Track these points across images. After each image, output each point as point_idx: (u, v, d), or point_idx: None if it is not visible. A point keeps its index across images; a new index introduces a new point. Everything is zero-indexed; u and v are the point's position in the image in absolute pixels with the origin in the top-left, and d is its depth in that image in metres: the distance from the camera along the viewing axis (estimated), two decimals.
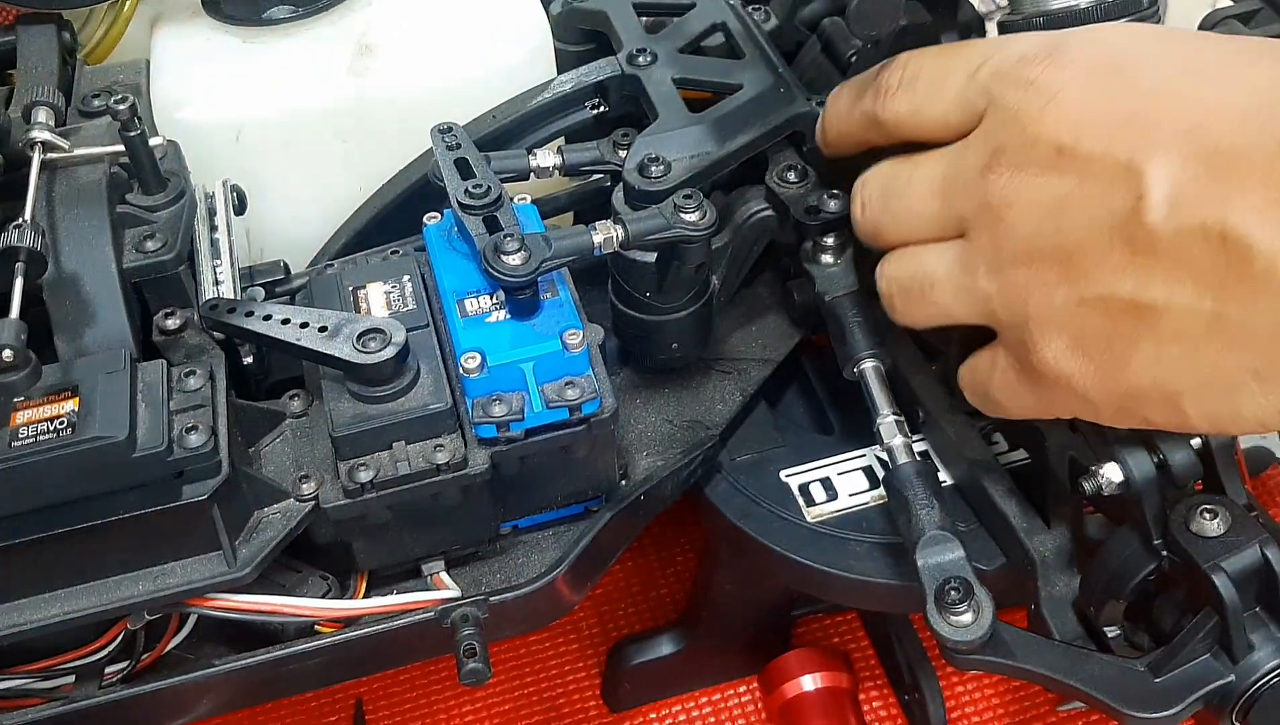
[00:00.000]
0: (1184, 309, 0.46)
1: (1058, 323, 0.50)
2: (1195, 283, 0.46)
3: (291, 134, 0.72)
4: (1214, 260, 0.45)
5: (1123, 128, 0.48)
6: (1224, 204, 0.45)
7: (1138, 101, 0.48)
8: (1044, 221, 0.50)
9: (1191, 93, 0.47)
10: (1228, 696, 0.55)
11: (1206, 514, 0.56)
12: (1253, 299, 0.45)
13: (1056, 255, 0.50)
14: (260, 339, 0.59)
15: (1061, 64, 0.50)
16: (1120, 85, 0.49)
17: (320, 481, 0.57)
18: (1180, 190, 0.46)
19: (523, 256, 0.56)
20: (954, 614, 0.55)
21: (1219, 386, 0.47)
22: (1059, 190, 0.49)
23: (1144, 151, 0.47)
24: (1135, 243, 0.47)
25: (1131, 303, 0.48)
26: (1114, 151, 0.48)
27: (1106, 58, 0.50)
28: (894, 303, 0.58)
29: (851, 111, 0.60)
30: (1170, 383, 0.48)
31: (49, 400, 0.52)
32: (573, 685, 0.89)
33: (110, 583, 0.55)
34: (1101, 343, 0.49)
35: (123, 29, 0.77)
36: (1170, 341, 0.47)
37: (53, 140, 0.61)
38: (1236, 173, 0.45)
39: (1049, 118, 0.50)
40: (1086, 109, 0.49)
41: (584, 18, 0.77)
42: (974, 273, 0.53)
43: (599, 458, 0.61)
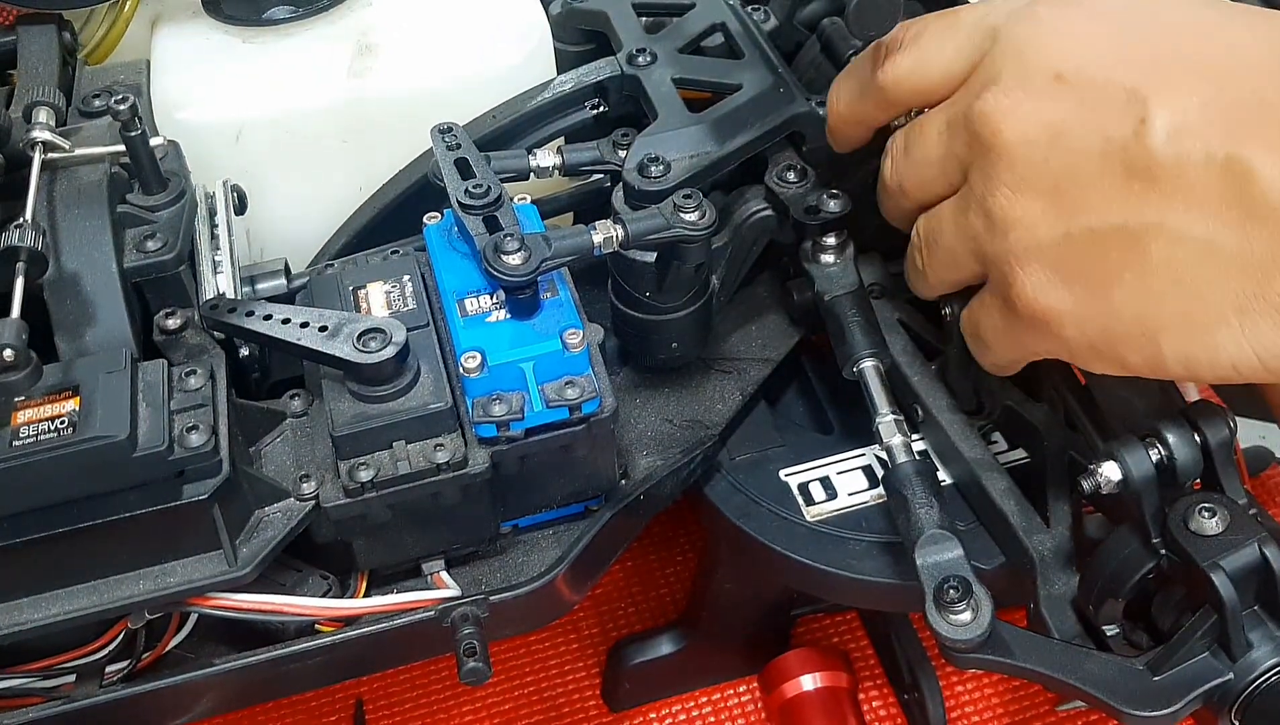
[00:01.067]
0: (1177, 236, 0.46)
1: (1040, 254, 0.50)
2: (1191, 209, 0.46)
3: (291, 134, 0.72)
4: (1214, 186, 0.45)
5: (1131, 59, 0.48)
6: (1230, 135, 0.45)
7: (1149, 39, 0.48)
8: (1034, 148, 0.49)
9: (1207, 44, 0.47)
10: (1226, 695, 0.55)
11: (1205, 513, 0.56)
12: (1248, 225, 0.45)
13: (1043, 183, 0.49)
14: (260, 339, 0.59)
15: (1073, 6, 0.50)
16: (1133, 26, 0.49)
17: (320, 481, 0.57)
18: (1186, 119, 0.46)
19: (523, 256, 0.56)
20: (953, 613, 0.55)
21: (1200, 321, 0.47)
22: (1052, 116, 0.49)
23: (1152, 81, 0.47)
24: (1133, 168, 0.47)
25: (1122, 230, 0.47)
26: (1118, 79, 0.47)
27: (1121, 7, 0.50)
28: (916, 262, 0.58)
29: (854, 90, 0.60)
30: (1151, 317, 0.48)
31: (50, 400, 0.52)
32: (572, 685, 0.89)
33: (111, 582, 0.55)
34: (1086, 274, 0.49)
35: (123, 29, 0.77)
36: (1157, 271, 0.47)
37: (53, 140, 0.61)
38: (1247, 114, 0.45)
39: (1050, 47, 0.49)
40: (1094, 41, 0.49)
41: (584, 18, 0.77)
42: (967, 210, 0.53)
43: (599, 457, 0.61)
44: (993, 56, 0.52)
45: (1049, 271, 0.50)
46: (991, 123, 0.50)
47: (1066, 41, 0.49)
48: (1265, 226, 0.44)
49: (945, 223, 0.55)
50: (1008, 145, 0.50)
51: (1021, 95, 0.50)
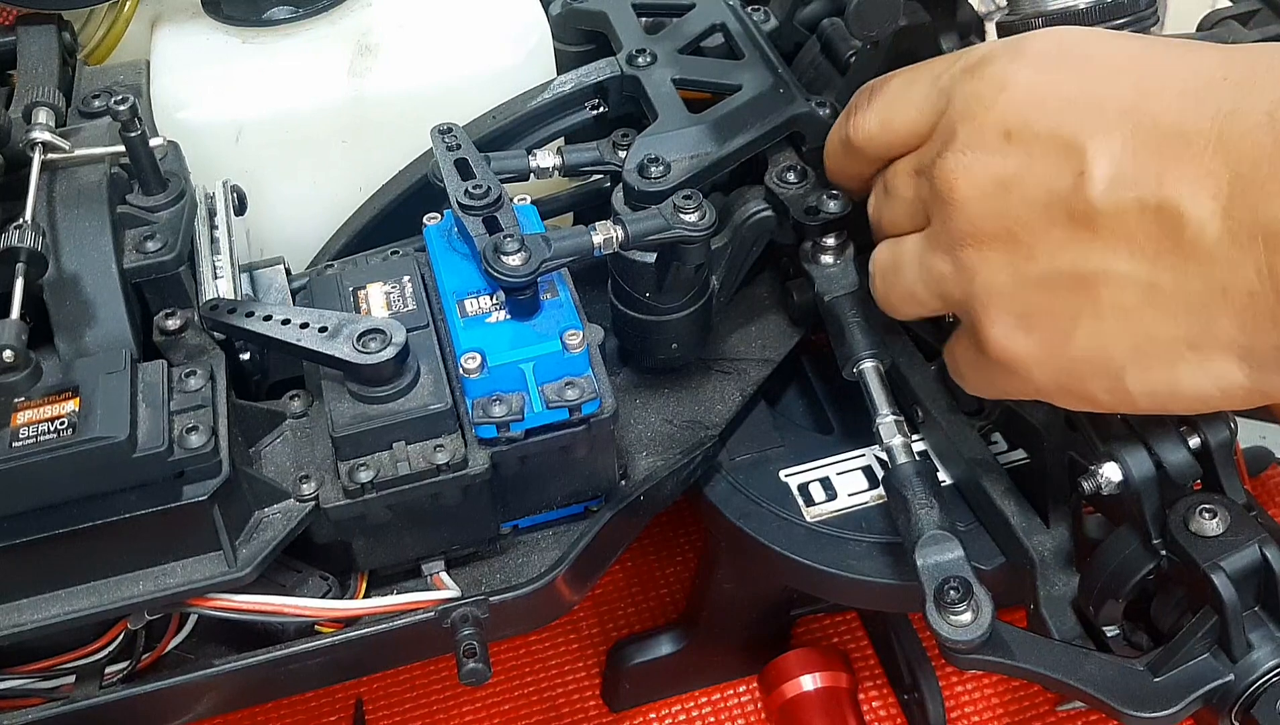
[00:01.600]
0: (1121, 279, 0.48)
1: (1002, 302, 0.52)
2: (1131, 254, 0.47)
3: (291, 134, 0.72)
4: (1149, 231, 0.47)
5: (1068, 109, 0.50)
6: (1160, 177, 0.46)
7: (1084, 86, 0.50)
8: (988, 202, 0.51)
9: (1136, 77, 0.49)
10: (1227, 696, 0.55)
11: (1205, 513, 0.56)
12: (1184, 266, 0.46)
13: (1000, 235, 0.51)
14: (260, 339, 0.59)
15: (1016, 58, 0.52)
16: (1070, 73, 0.51)
17: (320, 481, 0.57)
18: (1120, 166, 0.47)
19: (523, 257, 0.56)
20: (953, 613, 0.55)
21: (1157, 358, 0.49)
22: (1004, 171, 0.51)
23: (1087, 130, 0.48)
24: (1075, 217, 0.49)
25: (1072, 276, 0.49)
26: (1059, 131, 0.49)
27: (1060, 51, 0.52)
28: (876, 286, 0.60)
29: (837, 147, 0.63)
30: (1111, 357, 0.50)
31: (50, 400, 0.52)
32: (572, 685, 0.89)
33: (111, 583, 0.55)
34: (1045, 319, 0.51)
35: (123, 29, 0.77)
36: (1109, 314, 0.49)
37: (53, 141, 0.61)
38: (1173, 148, 0.46)
39: (999, 105, 0.52)
40: (1035, 94, 0.51)
41: (583, 18, 0.77)
42: (931, 255, 0.55)
43: (599, 458, 0.61)
44: (948, 116, 0.54)
45: (1012, 317, 0.52)
46: (948, 180, 0.53)
47: (1011, 97, 0.51)
48: (1201, 266, 0.46)
49: (907, 257, 0.57)
50: (965, 200, 0.52)
51: (974, 154, 0.52)
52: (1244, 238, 0.44)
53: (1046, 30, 0.55)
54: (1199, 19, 0.74)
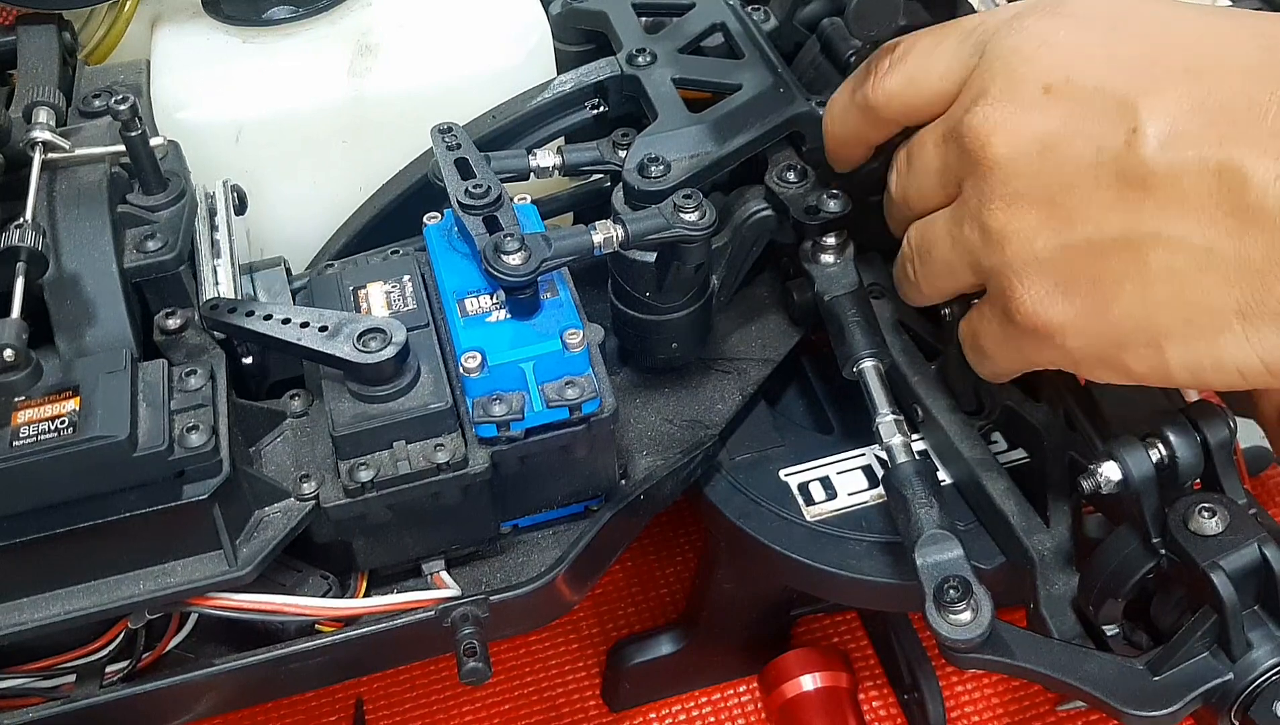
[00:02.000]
0: (1175, 244, 0.46)
1: (1040, 268, 0.50)
2: (1187, 217, 0.46)
3: (291, 134, 0.72)
4: (1209, 193, 0.45)
5: (1119, 66, 0.48)
6: (1222, 140, 0.45)
7: (1137, 46, 0.48)
8: (1025, 161, 0.49)
9: (1195, 43, 0.47)
10: (1226, 695, 0.55)
11: (1205, 513, 0.56)
12: (1245, 232, 0.45)
13: (1039, 198, 0.49)
14: (261, 339, 0.59)
15: (1060, 15, 0.50)
16: (1120, 33, 0.49)
17: (321, 481, 0.57)
18: (1178, 125, 0.46)
19: (523, 256, 0.56)
20: (953, 613, 0.55)
21: (1204, 327, 0.47)
22: (1044, 128, 0.49)
23: (1141, 89, 0.47)
24: (1127, 178, 0.47)
25: (1120, 240, 0.47)
26: (1108, 88, 0.47)
27: (1108, 10, 0.50)
28: (906, 272, 0.58)
29: (848, 110, 0.61)
30: (1155, 324, 0.48)
31: (50, 400, 0.52)
32: (572, 685, 0.89)
33: (111, 582, 0.55)
34: (1086, 285, 0.49)
35: (123, 29, 0.77)
36: (1158, 280, 0.47)
37: (53, 140, 0.61)
38: (1234, 112, 0.45)
39: (1039, 59, 0.49)
40: (1081, 51, 0.49)
41: (584, 18, 0.77)
42: (961, 223, 0.53)
43: (599, 457, 0.61)
44: (980, 71, 0.52)
45: (1049, 284, 0.50)
46: (980, 137, 0.51)
47: (1054, 52, 0.49)
48: (1262, 232, 0.44)
49: (939, 233, 0.55)
50: (998, 159, 0.50)
51: (1010, 108, 0.50)
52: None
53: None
54: None
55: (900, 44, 0.57)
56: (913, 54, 0.56)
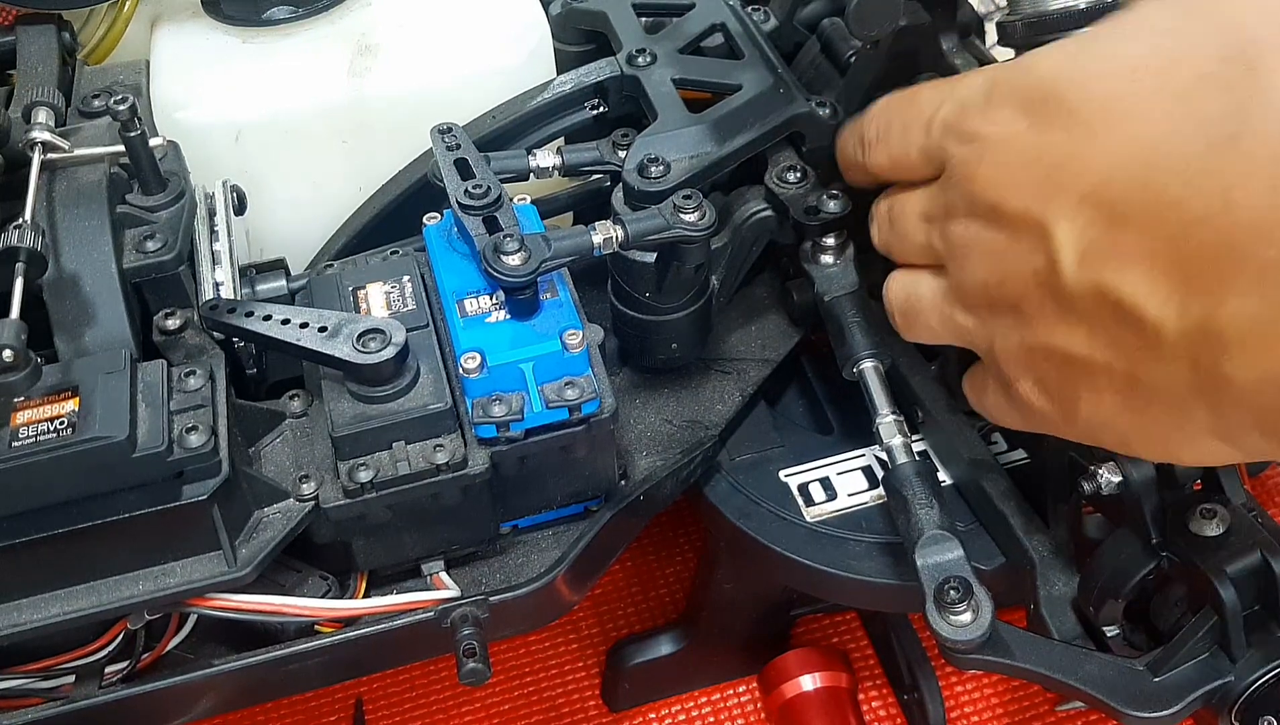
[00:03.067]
0: (1107, 370, 0.47)
1: (1019, 365, 0.52)
2: (1108, 344, 0.46)
3: (291, 134, 0.72)
4: (1116, 324, 0.46)
5: (1035, 186, 0.48)
6: (1117, 270, 0.45)
7: (1050, 157, 0.48)
8: (992, 272, 0.51)
9: (1095, 145, 0.46)
10: (1226, 696, 0.55)
11: (1205, 514, 0.56)
12: (1153, 365, 0.45)
13: (1007, 303, 0.51)
14: (260, 339, 0.59)
15: (990, 116, 0.51)
16: (1036, 135, 0.49)
17: (320, 481, 0.57)
18: (1082, 253, 0.46)
19: (522, 256, 0.56)
20: (953, 613, 0.55)
21: (1154, 434, 0.48)
22: (998, 245, 0.50)
23: (1053, 211, 0.47)
24: (1059, 300, 0.48)
25: (1066, 356, 0.49)
26: (1031, 211, 0.48)
27: (1031, 102, 0.49)
28: (895, 319, 0.60)
29: (852, 162, 0.63)
30: (1115, 430, 0.49)
31: (49, 400, 0.52)
32: (572, 685, 0.89)
33: (110, 582, 0.55)
34: (1054, 387, 0.51)
35: (123, 29, 0.77)
36: (1105, 392, 0.48)
37: (53, 140, 0.61)
38: (1130, 235, 0.44)
39: (980, 176, 0.51)
40: (1009, 165, 0.50)
41: (583, 18, 0.77)
42: (952, 306, 0.55)
43: (598, 458, 0.61)
44: (946, 181, 0.53)
45: (1030, 379, 0.52)
46: (962, 246, 0.53)
47: (988, 170, 0.50)
48: (1166, 364, 0.44)
49: (927, 303, 0.57)
50: (975, 270, 0.52)
51: (975, 226, 0.52)
52: (1201, 342, 0.42)
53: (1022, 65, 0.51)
54: None
55: (878, 119, 0.59)
56: (891, 137, 0.58)
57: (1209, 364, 0.42)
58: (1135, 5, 0.49)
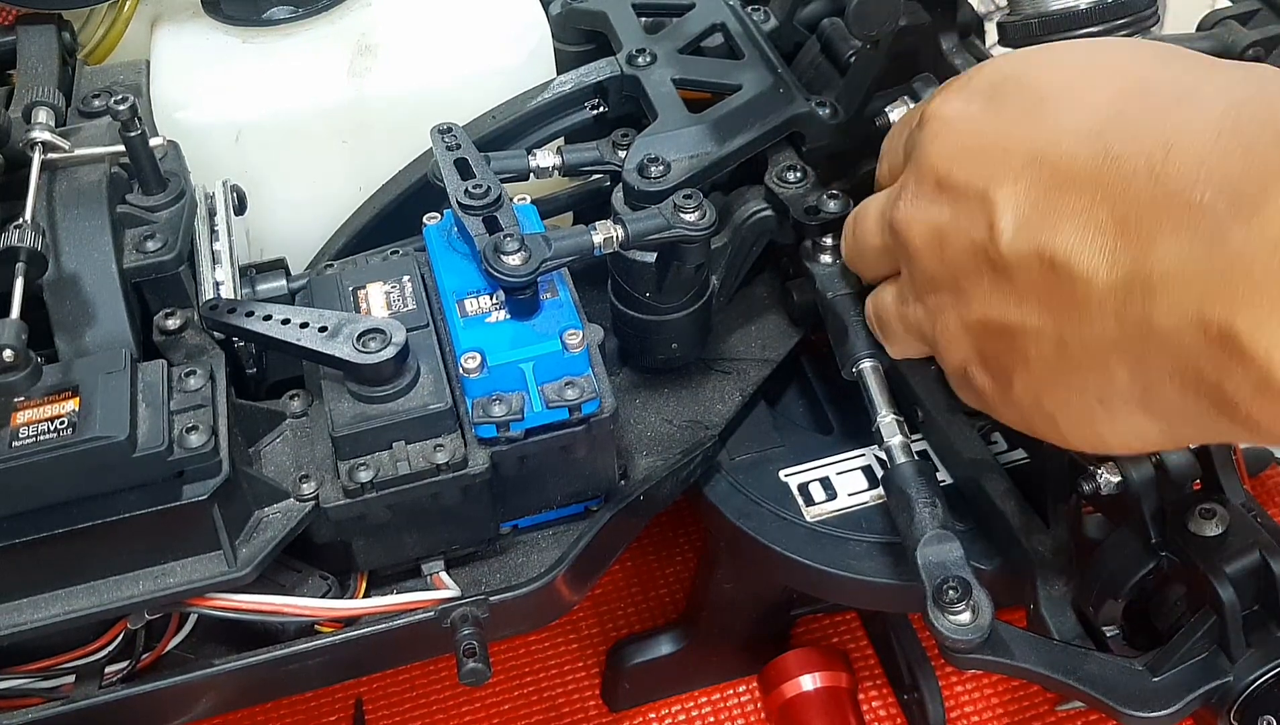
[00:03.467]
0: (1035, 333, 0.47)
1: (958, 345, 0.53)
2: (1040, 307, 0.47)
3: (291, 134, 0.72)
4: (1049, 285, 0.46)
5: (981, 157, 0.49)
6: (1054, 228, 0.45)
7: (1000, 129, 0.49)
8: (933, 248, 0.52)
9: (1041, 119, 0.48)
10: (1226, 695, 0.55)
11: (1204, 514, 0.56)
12: (1080, 322, 0.45)
13: (946, 281, 0.52)
14: (260, 339, 0.59)
15: (948, 98, 0.52)
16: (992, 113, 0.50)
17: (320, 481, 0.57)
18: (1022, 216, 0.47)
19: (522, 256, 0.56)
20: (953, 613, 0.55)
21: (1080, 411, 0.48)
22: (940, 219, 0.51)
23: (996, 180, 0.48)
24: (995, 268, 0.48)
25: (1001, 327, 0.49)
26: (974, 181, 0.49)
27: (990, 86, 0.51)
28: (877, 336, 0.61)
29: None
30: (1044, 406, 0.49)
31: (49, 400, 0.52)
32: (572, 685, 0.89)
33: (110, 582, 0.55)
34: (990, 363, 0.51)
35: (123, 29, 0.77)
36: (1034, 366, 0.48)
37: (53, 140, 0.61)
38: (1066, 197, 0.45)
39: (932, 151, 0.52)
40: (956, 142, 0.51)
41: (583, 18, 0.77)
42: (905, 301, 0.56)
43: (598, 457, 0.61)
44: (910, 162, 0.54)
45: (969, 357, 0.52)
46: (900, 228, 0.53)
47: (943, 143, 0.51)
48: (1094, 320, 0.45)
49: (890, 310, 0.58)
50: (916, 249, 0.53)
51: (919, 202, 0.52)
52: (1127, 290, 0.43)
53: (992, 62, 0.54)
54: (1199, 19, 0.74)
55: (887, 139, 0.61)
56: (887, 146, 0.60)
57: (1134, 314, 0.43)
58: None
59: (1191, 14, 0.75)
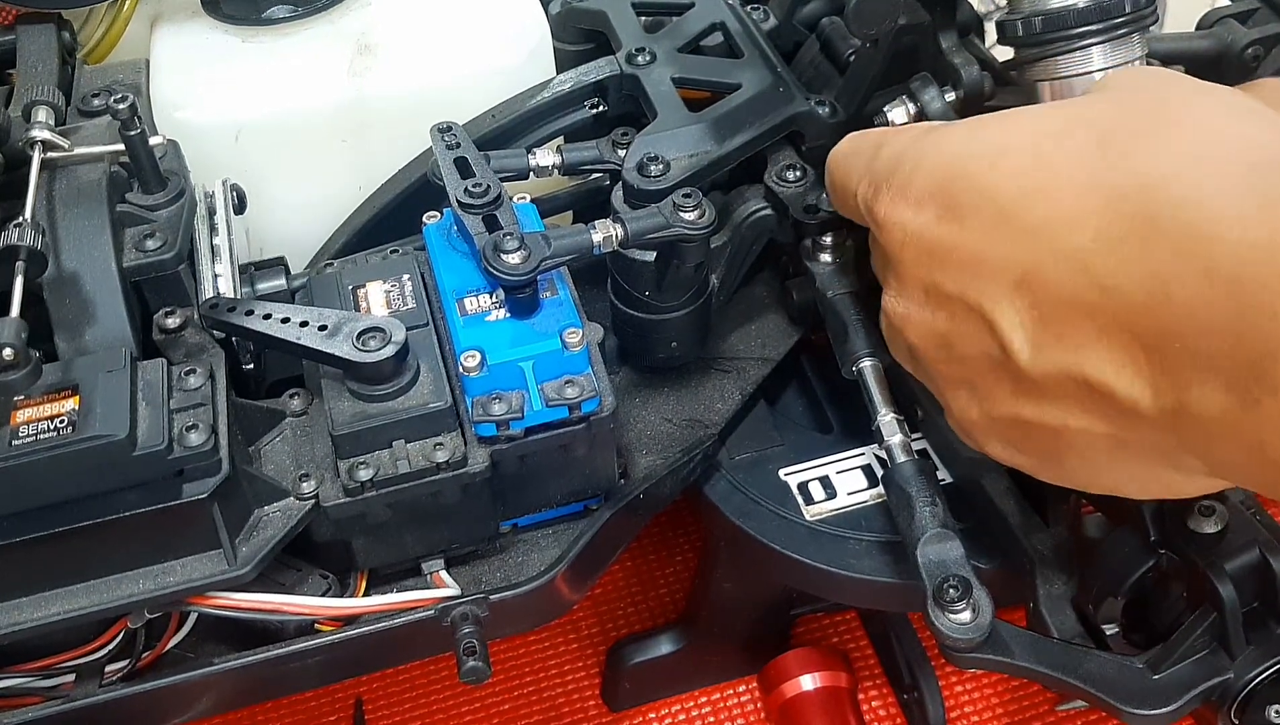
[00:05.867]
0: (1084, 433, 0.47)
1: (984, 432, 0.52)
2: (1084, 412, 0.46)
3: (291, 134, 0.72)
4: (1089, 399, 0.45)
5: (964, 272, 0.48)
6: (1075, 351, 0.45)
7: (970, 246, 0.48)
8: (939, 351, 0.51)
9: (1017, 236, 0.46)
10: (1226, 693, 0.55)
11: (1204, 512, 0.56)
12: (1135, 427, 0.45)
13: (960, 380, 0.51)
14: (260, 338, 0.59)
15: (898, 205, 0.51)
16: (952, 227, 0.48)
17: (320, 480, 0.57)
18: (1033, 338, 0.46)
19: (522, 255, 0.56)
20: (953, 612, 0.55)
21: (1147, 480, 0.48)
22: (937, 328, 0.51)
23: (990, 299, 0.47)
24: (1019, 381, 0.48)
25: (1040, 425, 0.48)
26: (967, 297, 0.48)
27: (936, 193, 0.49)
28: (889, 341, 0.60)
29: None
30: (1105, 482, 0.50)
31: (49, 399, 0.52)
32: (572, 684, 0.89)
33: (110, 581, 0.55)
34: (1030, 447, 0.51)
35: (122, 29, 0.77)
36: (1088, 452, 0.48)
37: (53, 139, 0.61)
38: (1076, 321, 0.44)
39: (906, 262, 0.51)
40: (931, 253, 0.49)
41: (583, 17, 0.77)
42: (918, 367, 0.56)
43: (598, 456, 0.61)
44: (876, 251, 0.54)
45: (1002, 443, 0.52)
46: (896, 324, 0.53)
47: (915, 255, 0.50)
48: (1149, 427, 0.44)
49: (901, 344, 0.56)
50: (916, 348, 0.53)
51: (909, 306, 0.52)
52: (1179, 421, 0.42)
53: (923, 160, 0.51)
54: (1198, 18, 0.74)
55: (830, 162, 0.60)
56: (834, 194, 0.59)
57: (1190, 431, 0.42)
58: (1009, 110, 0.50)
59: (1191, 13, 0.75)
